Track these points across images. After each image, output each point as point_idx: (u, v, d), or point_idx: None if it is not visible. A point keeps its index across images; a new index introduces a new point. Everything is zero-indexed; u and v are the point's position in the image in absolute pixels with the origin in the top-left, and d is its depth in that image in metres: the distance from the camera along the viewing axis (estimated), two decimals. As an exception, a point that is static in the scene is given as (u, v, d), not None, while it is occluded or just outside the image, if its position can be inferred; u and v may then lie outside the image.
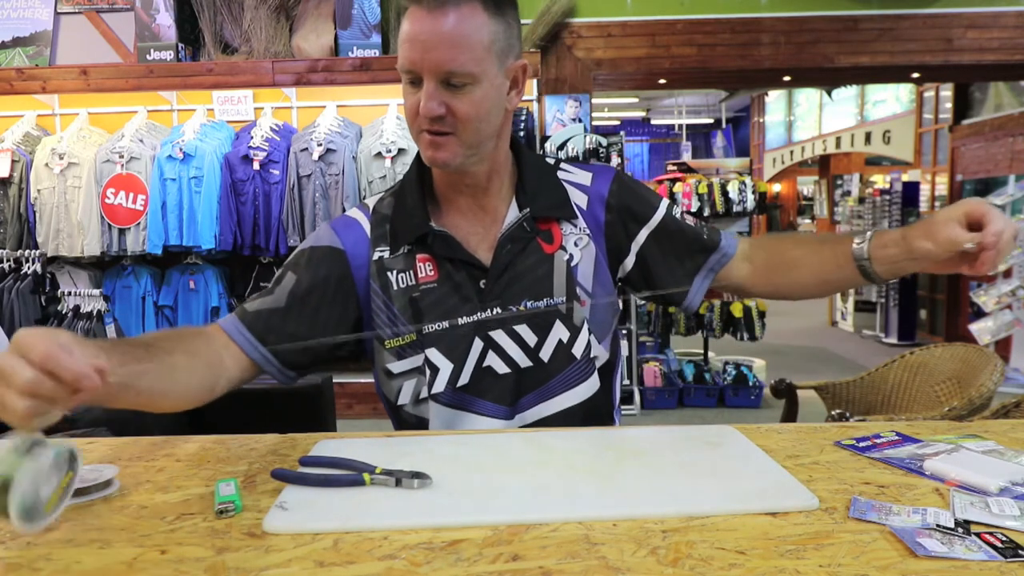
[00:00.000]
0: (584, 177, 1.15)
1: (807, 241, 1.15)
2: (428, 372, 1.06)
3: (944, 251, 0.93)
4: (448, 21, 0.94)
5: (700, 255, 1.15)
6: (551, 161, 1.18)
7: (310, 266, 1.08)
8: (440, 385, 1.06)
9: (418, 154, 1.07)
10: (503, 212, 1.10)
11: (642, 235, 1.14)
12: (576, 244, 1.10)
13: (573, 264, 1.09)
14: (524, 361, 1.07)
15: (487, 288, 1.06)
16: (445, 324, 1.06)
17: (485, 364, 1.06)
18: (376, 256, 1.09)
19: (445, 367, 1.06)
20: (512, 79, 1.04)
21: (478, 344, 1.06)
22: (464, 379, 1.06)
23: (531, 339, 1.07)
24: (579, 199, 1.13)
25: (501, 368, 1.07)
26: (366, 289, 1.09)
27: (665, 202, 1.17)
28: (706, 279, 1.16)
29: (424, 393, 1.07)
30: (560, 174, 1.15)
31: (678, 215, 1.17)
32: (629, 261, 1.14)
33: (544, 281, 1.08)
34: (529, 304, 1.07)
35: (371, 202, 1.15)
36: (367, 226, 1.11)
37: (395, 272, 1.07)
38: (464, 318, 1.06)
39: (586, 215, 1.12)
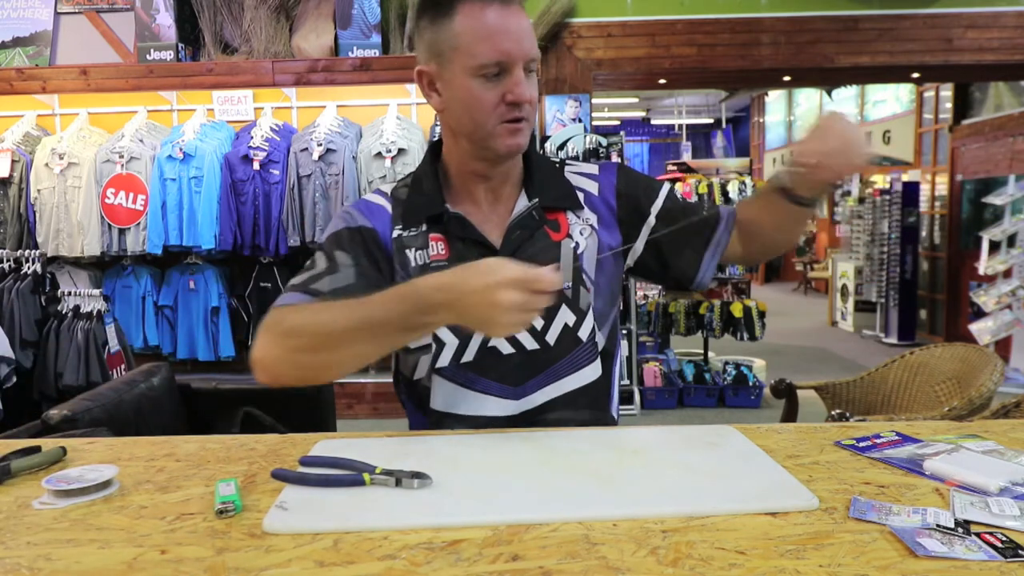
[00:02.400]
0: (591, 168, 1.21)
1: (746, 202, 1.22)
2: (434, 346, 1.09)
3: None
4: (523, 14, 1.04)
5: (705, 230, 1.18)
6: (555, 161, 1.23)
7: (354, 244, 1.10)
8: (445, 360, 1.09)
9: (429, 148, 1.15)
10: (513, 202, 1.14)
11: (651, 219, 1.17)
12: (581, 233, 1.14)
13: (579, 252, 1.13)
14: (530, 343, 1.09)
15: None
16: None
17: (490, 344, 1.09)
18: (396, 234, 1.12)
19: (451, 342, 1.08)
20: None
21: None
22: (469, 356, 1.09)
23: (537, 322, 1.09)
24: (590, 187, 1.18)
25: (506, 348, 1.09)
26: (391, 266, 1.12)
27: (667, 185, 1.22)
28: (714, 256, 1.18)
29: (437, 364, 1.10)
30: (567, 169, 1.20)
31: (680, 196, 1.21)
32: (639, 246, 1.17)
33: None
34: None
35: (387, 188, 1.18)
36: (389, 207, 1.15)
37: (413, 250, 1.11)
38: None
39: (597, 201, 1.17)
